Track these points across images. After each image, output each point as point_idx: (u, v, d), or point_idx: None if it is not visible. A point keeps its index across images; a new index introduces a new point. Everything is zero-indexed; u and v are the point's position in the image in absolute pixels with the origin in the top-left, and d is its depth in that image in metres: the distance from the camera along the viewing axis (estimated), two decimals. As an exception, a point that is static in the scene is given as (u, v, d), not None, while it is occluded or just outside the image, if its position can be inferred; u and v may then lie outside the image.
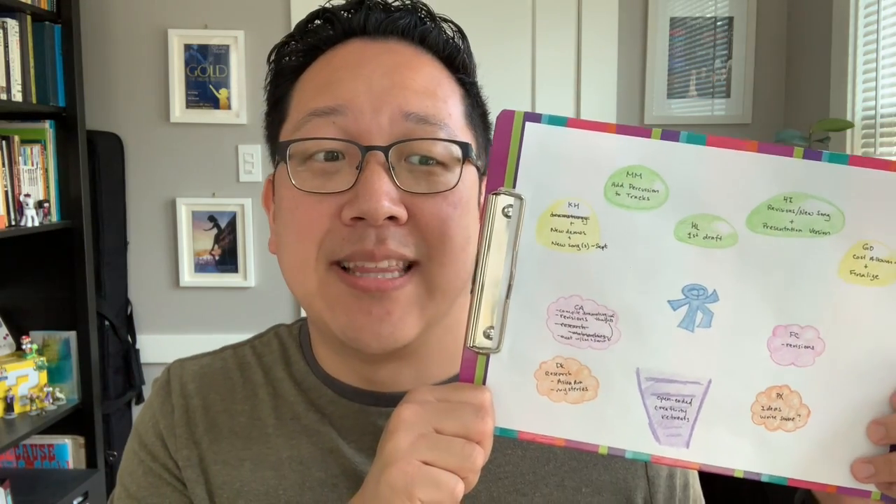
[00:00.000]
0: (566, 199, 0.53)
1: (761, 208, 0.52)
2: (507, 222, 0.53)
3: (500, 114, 0.53)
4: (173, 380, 0.73)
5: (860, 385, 0.53)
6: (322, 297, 0.63)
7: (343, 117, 0.61)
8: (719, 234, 0.52)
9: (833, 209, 0.52)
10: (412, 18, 0.66)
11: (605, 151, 0.52)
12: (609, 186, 0.52)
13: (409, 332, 0.62)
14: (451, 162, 0.63)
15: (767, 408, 0.54)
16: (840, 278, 0.52)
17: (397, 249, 0.60)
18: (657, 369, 0.54)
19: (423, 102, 0.62)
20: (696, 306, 0.53)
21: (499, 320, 0.54)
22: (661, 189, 0.52)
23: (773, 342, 0.53)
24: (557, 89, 2.49)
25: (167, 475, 0.69)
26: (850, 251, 0.52)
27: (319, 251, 0.62)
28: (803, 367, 0.53)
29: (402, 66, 0.64)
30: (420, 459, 0.52)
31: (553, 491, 0.67)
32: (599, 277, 0.53)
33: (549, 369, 0.55)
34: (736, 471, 0.55)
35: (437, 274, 0.62)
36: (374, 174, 0.59)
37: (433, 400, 0.54)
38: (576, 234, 0.53)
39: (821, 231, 0.52)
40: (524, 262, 0.53)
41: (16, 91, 2.13)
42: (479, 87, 0.70)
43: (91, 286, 2.32)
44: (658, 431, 0.54)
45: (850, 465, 0.54)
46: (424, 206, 0.61)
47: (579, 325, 0.54)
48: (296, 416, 0.69)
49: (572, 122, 0.52)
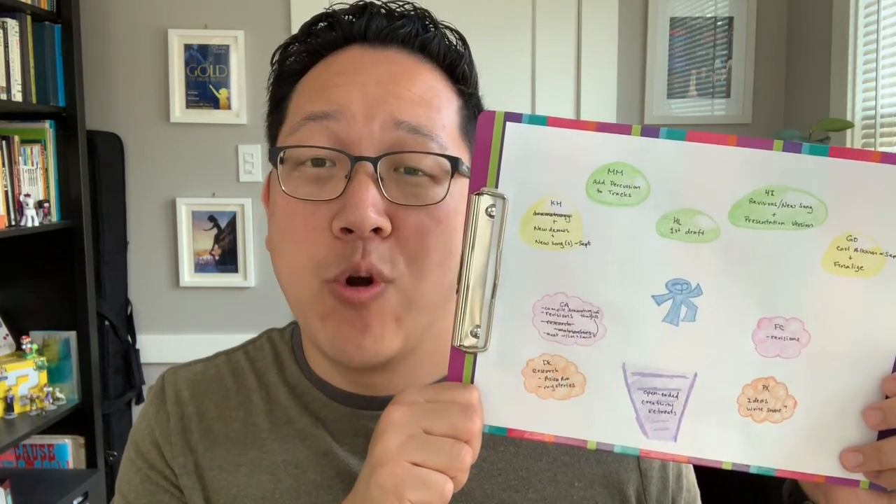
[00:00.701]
0: (549, 198, 0.53)
1: (743, 202, 0.52)
2: (491, 222, 0.53)
3: (481, 115, 0.53)
4: (167, 388, 0.73)
5: (846, 375, 0.54)
6: (313, 308, 0.64)
7: (336, 122, 0.62)
8: (701, 229, 0.52)
9: (815, 201, 0.52)
10: (414, 26, 0.67)
11: (586, 149, 0.52)
12: (591, 184, 0.53)
13: (389, 346, 0.63)
14: (441, 175, 0.63)
15: (754, 400, 0.54)
16: (824, 270, 0.52)
17: (376, 264, 0.61)
18: (643, 364, 0.54)
19: (416, 112, 0.63)
20: (680, 301, 0.53)
21: (485, 319, 0.55)
22: (643, 185, 0.52)
23: (757, 334, 0.54)
24: (557, 89, 2.49)
25: (164, 482, 0.70)
26: (834, 243, 0.52)
27: (315, 267, 0.62)
28: (789, 358, 0.54)
29: (399, 76, 0.64)
30: (409, 460, 0.52)
31: (546, 486, 0.68)
32: (584, 274, 0.54)
33: (536, 367, 0.55)
34: (724, 463, 0.55)
35: (412, 287, 0.62)
36: (361, 185, 0.60)
37: (421, 400, 0.55)
38: (559, 232, 0.53)
39: (804, 223, 0.52)
40: (508, 261, 0.54)
41: (16, 91, 2.13)
42: (479, 98, 0.71)
43: (91, 286, 2.32)
44: (646, 426, 0.55)
45: (837, 455, 0.54)
46: (409, 218, 0.62)
47: (565, 323, 0.54)
48: (289, 421, 0.70)
49: (552, 120, 0.53)
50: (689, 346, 0.54)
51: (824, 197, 0.52)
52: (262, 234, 2.49)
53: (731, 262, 0.53)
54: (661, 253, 0.53)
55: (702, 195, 0.52)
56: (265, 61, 0.71)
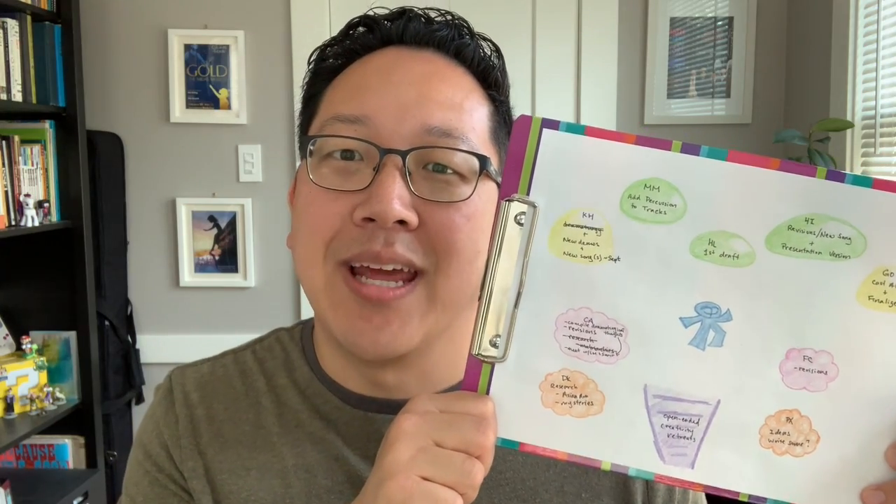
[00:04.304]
0: (580, 210, 0.52)
1: (781, 228, 0.51)
2: (520, 230, 0.52)
3: (518, 119, 0.52)
4: (176, 389, 0.72)
5: (873, 413, 0.52)
6: (327, 295, 0.63)
7: (365, 128, 0.62)
8: (737, 253, 0.51)
9: (855, 232, 0.50)
10: (451, 32, 0.67)
11: (623, 162, 0.51)
12: (625, 198, 0.51)
13: (408, 342, 0.62)
14: (469, 174, 0.63)
15: (776, 431, 0.53)
16: (858, 303, 0.51)
17: (404, 254, 0.60)
18: (665, 387, 0.53)
19: (447, 115, 0.63)
20: (708, 325, 0.52)
21: (506, 329, 0.53)
22: (679, 203, 0.51)
23: (785, 365, 0.52)
24: (557, 89, 2.49)
25: (173, 486, 0.69)
26: (870, 276, 0.51)
27: (328, 250, 0.62)
28: (815, 392, 0.52)
29: (432, 76, 0.64)
30: (419, 474, 0.51)
31: (553, 497, 0.67)
32: (610, 290, 0.52)
33: (554, 381, 0.54)
34: (741, 494, 0.53)
35: (441, 285, 0.62)
36: (388, 176, 0.60)
37: (434, 410, 0.53)
38: (588, 246, 0.52)
39: (841, 254, 0.51)
40: (535, 271, 0.52)
41: (16, 91, 2.13)
42: (510, 107, 0.70)
43: (91, 286, 2.32)
44: (663, 450, 0.53)
45: (858, 494, 0.53)
46: (436, 214, 0.61)
47: (587, 338, 0.53)
48: (300, 424, 0.69)
49: (591, 130, 0.51)
50: (714, 371, 0.52)
51: (864, 229, 0.50)
52: (262, 235, 2.49)
53: (765, 289, 0.51)
54: (693, 274, 0.51)
55: (739, 218, 0.51)
56: (265, 61, 0.72)
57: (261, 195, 2.48)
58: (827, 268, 0.51)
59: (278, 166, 2.47)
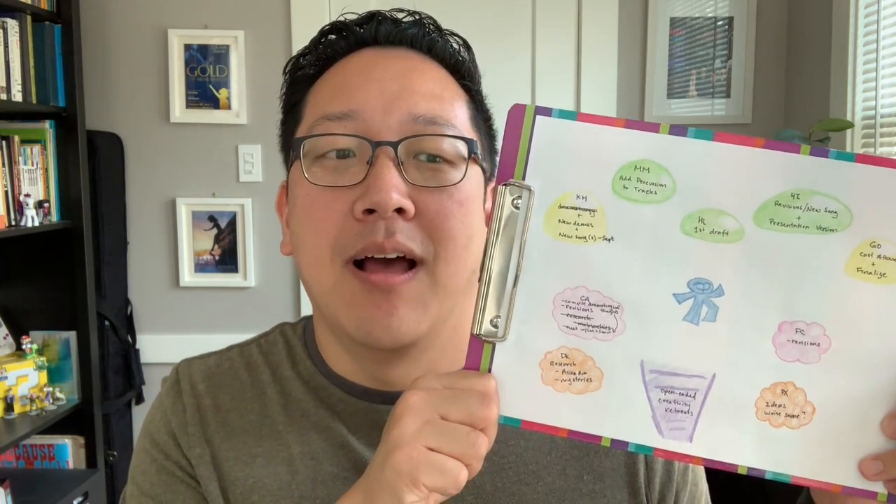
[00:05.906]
0: (574, 192, 0.54)
1: (768, 204, 0.52)
2: (517, 213, 0.54)
3: (512, 107, 0.54)
4: (183, 379, 0.74)
5: (866, 383, 0.53)
6: (338, 295, 0.65)
7: (354, 122, 0.64)
8: (726, 229, 0.53)
9: (840, 206, 0.52)
10: (420, 30, 0.70)
11: (614, 145, 0.53)
12: (617, 180, 0.53)
13: (416, 328, 0.64)
14: (458, 160, 0.66)
15: (772, 404, 0.54)
16: (847, 275, 0.52)
17: (405, 243, 0.62)
18: (661, 362, 0.54)
19: (431, 105, 0.65)
20: (701, 300, 0.54)
21: (505, 309, 0.55)
22: (669, 183, 0.53)
23: (778, 338, 0.53)
24: (557, 89, 2.49)
25: (180, 473, 0.70)
26: (858, 249, 0.52)
27: (334, 250, 0.64)
28: (808, 363, 0.53)
29: (411, 71, 0.67)
30: (425, 445, 0.53)
31: (556, 479, 0.69)
32: (606, 269, 0.54)
33: (553, 359, 0.55)
34: (739, 467, 0.55)
35: (441, 272, 0.64)
36: (383, 167, 0.62)
37: (439, 387, 0.55)
38: (583, 226, 0.54)
39: (828, 228, 0.52)
40: (532, 253, 0.54)
41: (16, 91, 2.13)
42: (483, 95, 0.73)
43: (91, 286, 2.32)
44: (661, 424, 0.55)
45: (855, 464, 0.53)
46: (431, 201, 0.63)
47: (585, 316, 0.55)
48: (305, 413, 0.70)
49: (582, 116, 0.53)
50: (709, 346, 0.54)
51: (849, 202, 0.51)
52: (262, 235, 2.49)
53: (754, 263, 0.53)
54: (685, 251, 0.53)
55: (727, 196, 0.52)
56: (265, 61, 0.73)
57: (261, 195, 2.48)
58: (815, 241, 0.52)
59: (278, 166, 2.45)
